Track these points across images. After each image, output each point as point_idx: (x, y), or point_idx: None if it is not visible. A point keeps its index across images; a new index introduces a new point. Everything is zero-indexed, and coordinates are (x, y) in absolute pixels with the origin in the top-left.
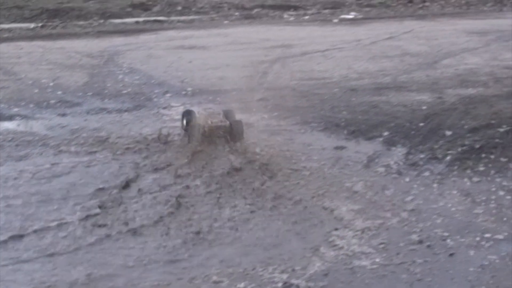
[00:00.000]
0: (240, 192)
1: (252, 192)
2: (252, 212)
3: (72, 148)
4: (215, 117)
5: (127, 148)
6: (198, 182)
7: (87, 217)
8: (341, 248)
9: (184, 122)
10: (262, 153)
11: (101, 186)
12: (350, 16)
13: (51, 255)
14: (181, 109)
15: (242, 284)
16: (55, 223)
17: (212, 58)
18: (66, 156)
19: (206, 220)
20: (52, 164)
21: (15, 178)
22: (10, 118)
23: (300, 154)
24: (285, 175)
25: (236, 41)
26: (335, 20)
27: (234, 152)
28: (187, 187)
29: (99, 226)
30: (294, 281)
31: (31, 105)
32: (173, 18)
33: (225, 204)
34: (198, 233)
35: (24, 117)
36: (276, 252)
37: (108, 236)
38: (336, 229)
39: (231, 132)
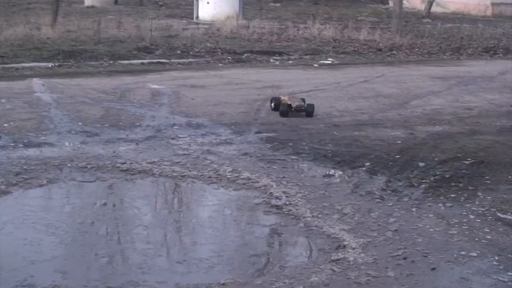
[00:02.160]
0: None
1: None
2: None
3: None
4: (296, 100)
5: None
6: None
7: None
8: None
9: (272, 104)
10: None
11: None
12: (328, 62)
13: None
14: (187, 140)
15: None
16: None
17: (212, 96)
18: None
19: None
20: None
21: None
22: (38, 145)
23: (295, 180)
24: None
25: (231, 81)
26: (315, 65)
27: None
28: None
29: None
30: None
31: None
32: (173, 60)
33: None
34: None
35: (51, 144)
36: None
37: None
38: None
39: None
